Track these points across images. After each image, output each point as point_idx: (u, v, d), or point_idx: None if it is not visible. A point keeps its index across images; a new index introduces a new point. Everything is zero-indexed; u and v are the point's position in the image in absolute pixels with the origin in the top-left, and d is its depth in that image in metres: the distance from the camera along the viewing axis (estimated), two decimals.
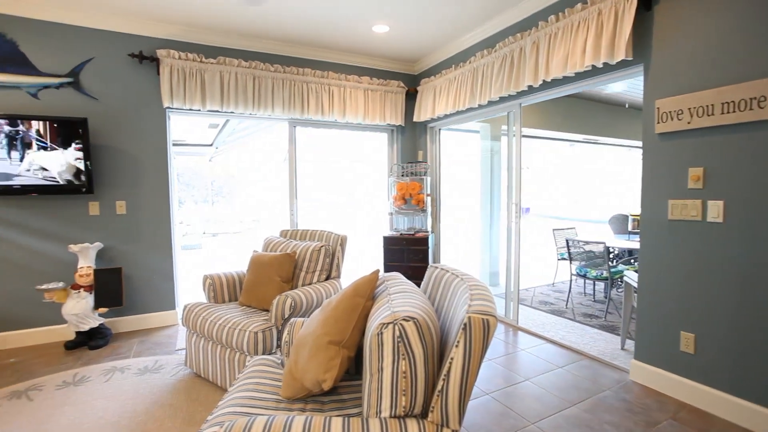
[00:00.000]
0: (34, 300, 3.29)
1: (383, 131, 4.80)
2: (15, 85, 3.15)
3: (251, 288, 2.72)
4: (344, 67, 4.34)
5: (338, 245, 2.95)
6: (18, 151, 3.07)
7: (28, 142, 3.09)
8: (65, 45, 3.29)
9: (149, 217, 3.64)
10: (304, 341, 1.48)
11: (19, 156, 3.08)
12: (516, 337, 3.41)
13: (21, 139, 3.07)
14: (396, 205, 4.47)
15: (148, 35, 3.52)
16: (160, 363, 2.90)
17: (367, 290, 1.45)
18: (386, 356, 1.14)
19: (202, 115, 3.86)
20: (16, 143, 3.06)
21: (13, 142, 3.06)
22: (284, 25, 3.58)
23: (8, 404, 2.38)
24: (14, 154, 3.07)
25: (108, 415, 2.25)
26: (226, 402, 1.51)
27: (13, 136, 3.05)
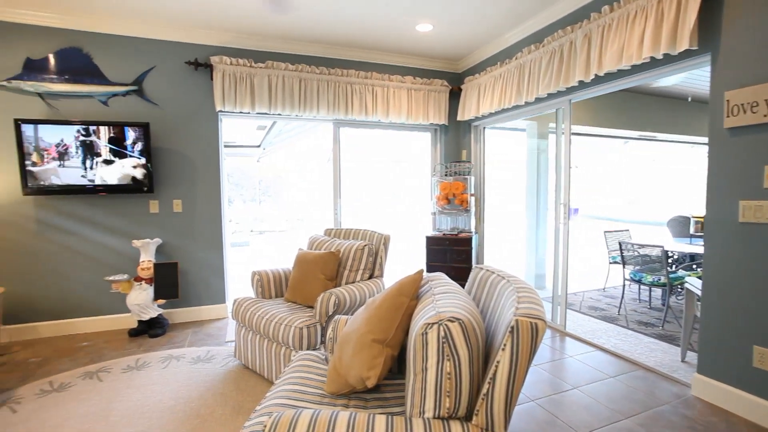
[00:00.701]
0: (103, 290, 3.59)
1: (426, 131, 4.78)
2: (89, 94, 3.44)
3: (296, 285, 2.80)
4: (387, 68, 4.37)
5: (381, 244, 2.98)
6: (90, 154, 3.36)
7: (98, 146, 3.37)
8: (131, 56, 3.55)
9: (202, 215, 3.85)
10: (349, 338, 1.50)
11: (90, 158, 3.36)
12: (563, 343, 3.27)
13: (92, 142, 3.35)
14: (439, 205, 4.44)
15: (203, 43, 3.72)
16: (211, 353, 3.06)
17: (411, 290, 1.45)
18: (431, 356, 1.13)
19: (251, 117, 4.03)
20: (88, 147, 3.35)
21: (86, 146, 3.34)
22: (328, 28, 3.65)
23: (83, 383, 2.61)
24: (87, 156, 3.35)
25: (165, 399, 2.41)
26: (273, 394, 1.57)
27: (85, 141, 3.33)
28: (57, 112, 3.39)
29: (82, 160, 3.33)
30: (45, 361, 2.96)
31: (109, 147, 3.40)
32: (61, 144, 3.28)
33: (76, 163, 3.33)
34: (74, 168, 3.32)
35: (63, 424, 2.17)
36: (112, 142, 3.39)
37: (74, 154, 3.31)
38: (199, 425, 2.14)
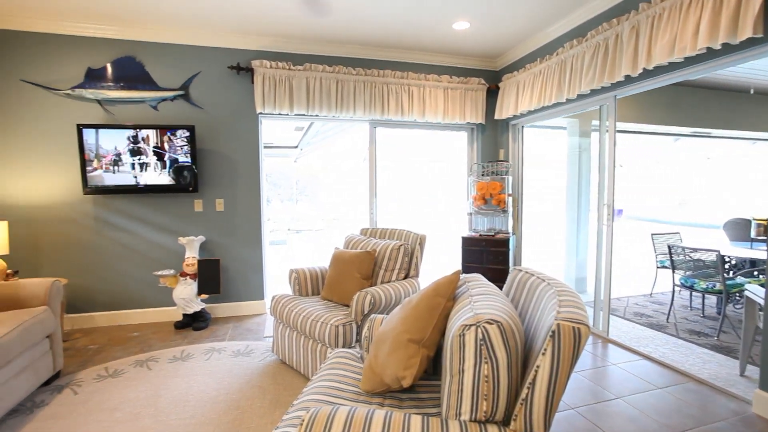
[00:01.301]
0: (152, 284, 3.80)
1: (463, 130, 4.72)
2: (141, 99, 3.66)
3: (333, 283, 2.85)
4: (424, 67, 4.35)
5: (417, 244, 2.97)
6: (140, 156, 3.56)
7: (147, 148, 3.57)
8: (178, 62, 3.74)
9: (243, 214, 3.99)
10: (384, 338, 1.51)
11: (140, 160, 3.57)
12: (606, 350, 3.13)
13: (142, 145, 3.56)
14: (475, 205, 4.37)
15: (244, 48, 3.86)
16: (250, 348, 3.17)
17: (448, 290, 1.44)
18: (468, 358, 1.12)
19: (290, 118, 4.14)
20: (138, 149, 3.55)
21: (137, 149, 3.55)
22: (365, 29, 3.68)
23: (134, 370, 2.78)
24: (137, 157, 3.56)
25: (208, 389, 2.52)
26: (310, 389, 1.61)
27: (136, 143, 3.54)
28: (113, 117, 3.62)
29: (132, 162, 3.54)
30: (101, 349, 3.18)
31: (158, 149, 3.59)
32: (115, 147, 3.50)
33: (128, 164, 3.54)
34: (126, 169, 3.54)
35: (117, 407, 2.32)
36: (160, 144, 3.59)
37: (126, 155, 3.53)
38: (239, 416, 2.23)
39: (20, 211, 3.52)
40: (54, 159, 3.55)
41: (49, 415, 2.25)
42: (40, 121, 3.51)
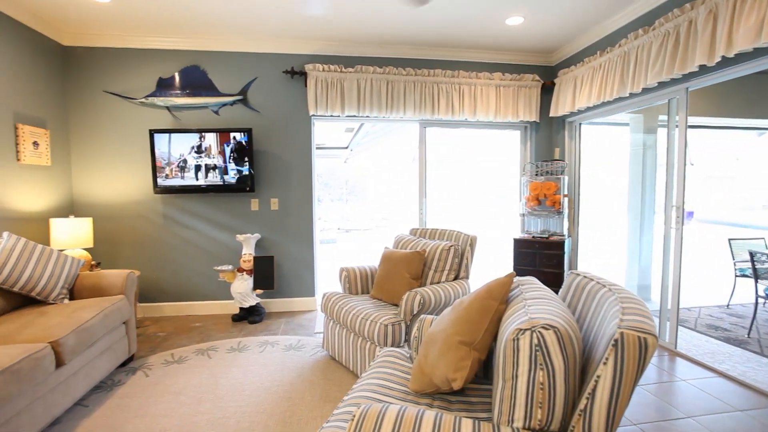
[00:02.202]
0: (212, 278, 4.05)
1: (516, 128, 4.57)
2: (204, 105, 3.91)
3: (382, 282, 2.87)
4: (475, 65, 4.26)
5: (468, 245, 2.92)
6: (204, 157, 3.80)
7: (210, 150, 3.81)
8: (237, 69, 3.96)
9: (295, 213, 4.14)
10: (434, 338, 1.50)
11: (204, 161, 3.81)
12: (673, 364, 2.89)
13: (205, 147, 3.80)
14: (528, 206, 4.21)
15: (298, 53, 4.00)
16: (302, 343, 3.28)
17: (500, 293, 1.40)
18: (522, 364, 1.08)
19: (341, 120, 4.23)
20: (203, 152, 3.80)
21: (201, 151, 3.80)
22: (416, 29, 3.68)
23: (195, 358, 2.98)
24: (201, 159, 3.80)
25: (262, 380, 2.64)
26: (359, 386, 1.63)
27: (200, 146, 3.79)
28: (180, 122, 3.90)
29: (196, 163, 3.79)
30: (168, 336, 3.44)
31: (218, 151, 3.81)
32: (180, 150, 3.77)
33: (192, 166, 3.79)
34: (190, 170, 3.80)
35: (182, 391, 2.49)
36: (221, 147, 3.81)
37: (191, 157, 3.78)
38: (290, 407, 2.31)
39: (102, 209, 3.89)
40: (130, 162, 3.89)
41: (125, 394, 2.47)
42: (118, 127, 3.86)
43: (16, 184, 3.19)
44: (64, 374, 2.14)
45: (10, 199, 3.13)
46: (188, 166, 3.79)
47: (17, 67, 3.23)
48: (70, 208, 3.82)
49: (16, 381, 1.77)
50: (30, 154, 3.30)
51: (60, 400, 2.11)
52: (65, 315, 2.32)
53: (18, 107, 3.23)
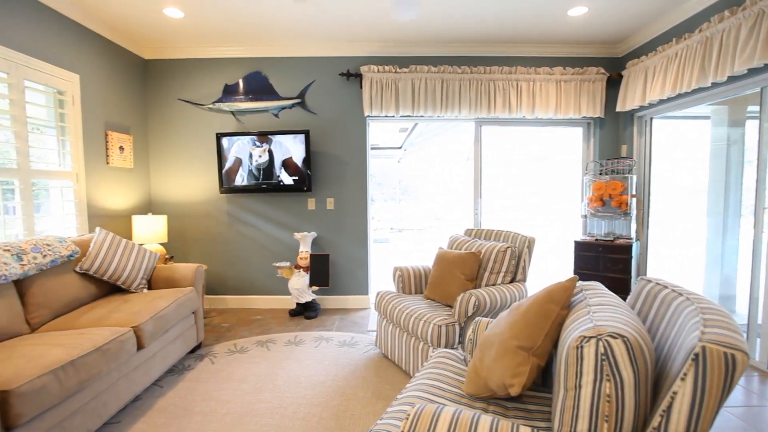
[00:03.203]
0: (271, 274, 4.25)
1: (578, 125, 4.33)
2: (265, 109, 4.11)
3: (436, 283, 2.85)
4: (534, 60, 4.10)
5: (525, 247, 2.82)
6: (265, 158, 4.00)
7: (270, 151, 4.00)
8: (296, 73, 4.12)
9: (350, 213, 4.23)
10: (490, 342, 1.47)
11: (265, 162, 4.01)
12: (763, 386, 2.59)
13: (267, 149, 3.99)
14: (591, 207, 3.98)
15: (353, 55, 4.08)
16: (355, 339, 3.34)
17: (562, 297, 1.34)
18: (586, 373, 1.03)
19: (395, 120, 4.26)
20: (264, 153, 4.00)
21: (263, 152, 4.00)
22: (473, 26, 3.61)
23: (255, 349, 3.15)
24: (263, 161, 4.00)
25: (317, 374, 2.72)
26: (413, 385, 1.63)
27: (262, 147, 3.99)
28: (243, 125, 4.14)
29: (258, 164, 4.00)
30: (231, 327, 3.66)
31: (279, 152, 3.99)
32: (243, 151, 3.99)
33: (255, 166, 4.00)
34: (253, 171, 4.01)
35: (244, 379, 2.65)
36: (281, 148, 3.98)
37: (253, 158, 3.99)
38: (344, 402, 2.36)
39: (175, 207, 4.23)
40: (199, 163, 4.19)
41: (194, 378, 2.66)
42: (189, 132, 4.17)
43: (106, 184, 3.56)
44: (144, 356, 2.36)
45: (100, 197, 3.50)
46: (251, 166, 4.01)
47: (108, 81, 3.60)
48: (148, 206, 4.20)
49: (106, 359, 1.98)
50: (117, 158, 3.67)
51: (140, 380, 2.33)
52: (145, 303, 2.55)
53: (108, 116, 3.60)
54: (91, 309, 2.49)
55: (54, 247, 2.46)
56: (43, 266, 2.36)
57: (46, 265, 2.38)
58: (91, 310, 2.45)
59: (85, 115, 3.33)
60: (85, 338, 1.99)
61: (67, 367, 1.76)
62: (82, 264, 2.67)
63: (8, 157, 2.68)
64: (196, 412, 2.27)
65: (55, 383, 1.68)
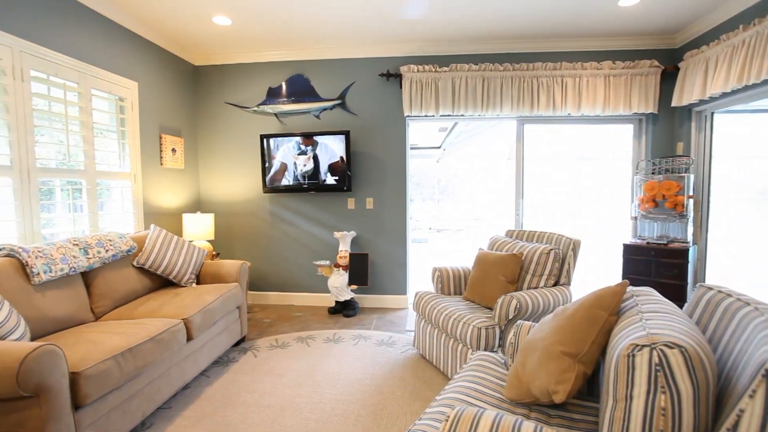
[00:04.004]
0: (311, 272, 4.35)
1: (628, 122, 4.11)
2: (307, 110, 4.22)
3: (476, 284, 2.81)
4: (580, 55, 3.93)
5: (570, 250, 2.71)
6: (306, 159, 4.10)
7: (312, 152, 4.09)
8: (336, 75, 4.19)
9: (389, 212, 4.24)
10: (533, 346, 1.42)
11: (306, 162, 4.10)
12: None
13: (308, 150, 4.09)
14: (642, 209, 3.76)
15: (393, 55, 4.09)
16: (393, 339, 3.35)
17: (611, 303, 1.27)
18: (638, 384, 0.97)
19: (435, 120, 4.22)
20: (305, 153, 4.09)
21: (304, 153, 4.10)
22: (515, 21, 3.51)
23: (296, 344, 3.23)
24: (304, 161, 4.10)
25: (356, 372, 2.75)
26: (451, 387, 1.62)
27: (303, 148, 4.09)
28: (285, 126, 4.26)
29: (299, 164, 4.10)
30: (273, 323, 3.78)
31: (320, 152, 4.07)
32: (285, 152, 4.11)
33: (296, 167, 4.11)
34: (294, 171, 4.12)
35: (284, 373, 2.72)
36: (322, 148, 4.07)
37: (295, 159, 4.10)
38: (382, 401, 2.38)
39: (221, 206, 4.43)
40: (244, 164, 4.36)
41: (238, 370, 2.77)
42: (235, 134, 4.35)
43: (159, 184, 3.79)
44: (193, 347, 2.49)
45: (155, 196, 3.72)
46: (293, 166, 4.12)
47: (162, 87, 3.83)
48: (197, 204, 4.43)
49: (159, 348, 2.11)
50: (169, 159, 3.89)
51: (190, 369, 2.46)
52: (193, 297, 2.69)
53: (162, 120, 3.82)
54: (146, 301, 2.66)
55: (115, 243, 2.65)
56: (105, 260, 2.54)
57: (108, 259, 2.56)
58: (146, 302, 2.62)
59: (142, 120, 3.56)
60: (141, 328, 2.13)
61: (126, 353, 1.89)
62: (138, 258, 2.86)
63: (77, 160, 2.92)
64: (239, 402, 2.37)
65: (115, 368, 1.81)
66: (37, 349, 1.49)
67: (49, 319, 2.12)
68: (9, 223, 2.45)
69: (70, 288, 2.30)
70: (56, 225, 2.81)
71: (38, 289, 2.12)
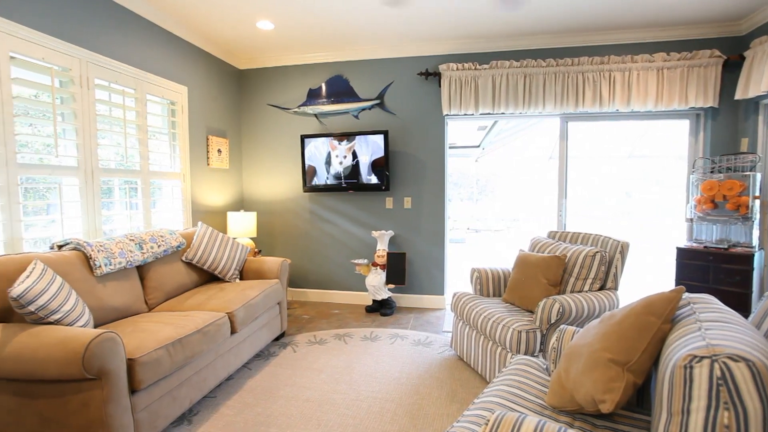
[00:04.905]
0: (349, 270, 4.40)
1: (683, 117, 3.85)
2: (346, 111, 4.27)
3: (516, 286, 2.73)
4: (630, 47, 3.72)
5: (617, 252, 2.58)
6: (345, 158, 4.15)
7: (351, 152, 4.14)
8: (375, 75, 4.21)
9: (427, 212, 4.22)
10: (578, 352, 1.37)
11: (345, 162, 4.16)
12: None
13: (347, 149, 4.14)
14: (700, 210, 3.51)
15: (432, 54, 4.06)
16: (430, 339, 3.33)
17: (664, 310, 1.20)
18: (697, 398, 0.91)
19: (475, 118, 4.15)
20: (344, 153, 4.15)
21: (343, 153, 4.15)
22: (558, 16, 3.38)
23: (334, 341, 3.28)
24: (343, 161, 4.16)
25: (392, 371, 2.76)
26: (491, 391, 1.58)
27: (342, 148, 4.14)
28: (325, 127, 4.34)
29: (338, 164, 4.16)
30: (311, 319, 3.86)
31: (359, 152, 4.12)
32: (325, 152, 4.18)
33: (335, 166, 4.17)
34: (333, 170, 4.19)
35: (322, 369, 2.78)
36: (360, 148, 4.11)
37: (334, 159, 4.17)
38: (419, 401, 2.37)
39: (263, 204, 4.58)
40: (285, 164, 4.49)
41: (278, 364, 2.86)
42: (277, 135, 4.49)
43: (206, 183, 3.97)
44: (236, 340, 2.59)
45: (201, 195, 3.91)
46: (332, 166, 4.19)
47: (209, 90, 4.02)
48: (240, 203, 4.60)
49: (205, 339, 2.21)
50: (215, 160, 4.07)
51: (233, 361, 2.56)
52: (237, 292, 2.80)
53: (209, 122, 4.01)
54: (193, 294, 2.79)
55: (166, 239, 2.81)
56: (157, 255, 2.70)
57: (159, 254, 2.72)
58: (193, 296, 2.76)
59: (191, 122, 3.74)
60: (189, 320, 2.24)
61: (176, 343, 2.00)
62: (187, 254, 3.01)
63: (133, 161, 3.12)
64: (279, 395, 2.44)
65: (167, 357, 1.92)
66: (100, 335, 1.61)
67: (109, 309, 2.28)
68: (76, 220, 2.66)
69: (127, 280, 2.47)
70: (114, 221, 3.01)
71: (99, 280, 2.28)
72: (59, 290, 1.83)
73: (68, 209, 2.63)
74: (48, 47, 2.44)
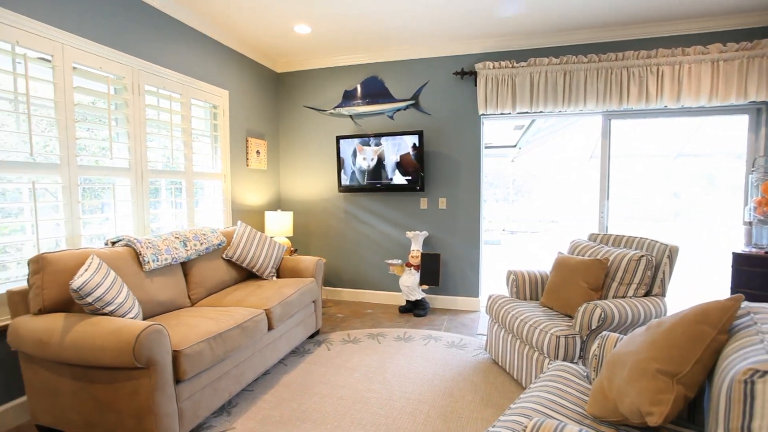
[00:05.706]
0: (383, 270, 4.42)
1: (742, 112, 3.58)
2: (381, 111, 4.29)
3: (554, 290, 2.65)
4: (680, 39, 3.51)
5: (665, 257, 2.44)
6: (381, 159, 4.17)
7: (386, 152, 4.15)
8: (410, 75, 4.20)
9: (463, 213, 4.17)
10: (622, 361, 1.30)
11: (380, 162, 4.18)
12: None
13: (382, 150, 4.16)
14: (760, 212, 3.26)
15: (468, 53, 4.00)
16: (464, 342, 3.29)
17: (720, 319, 1.12)
18: (759, 416, 0.84)
19: (511, 117, 4.06)
20: (379, 154, 4.17)
21: (378, 153, 4.17)
22: (601, 9, 3.24)
23: (367, 341, 3.31)
24: (378, 161, 4.18)
25: (426, 372, 2.74)
26: (527, 396, 1.54)
27: (378, 148, 4.17)
28: (360, 128, 4.38)
29: (373, 164, 4.19)
30: (345, 318, 3.91)
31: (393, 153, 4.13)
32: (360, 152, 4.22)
33: (370, 166, 4.20)
34: (368, 170, 4.22)
35: (356, 368, 2.80)
36: (395, 149, 4.11)
37: (369, 159, 4.19)
38: (452, 404, 2.34)
39: (299, 204, 4.69)
40: (321, 164, 4.57)
41: (312, 361, 2.91)
42: (313, 136, 4.58)
43: (245, 184, 4.11)
44: (273, 336, 2.66)
45: (241, 195, 4.05)
46: (367, 166, 4.22)
47: (249, 94, 4.16)
48: (278, 203, 4.73)
49: (244, 335, 2.29)
50: (254, 161, 4.21)
51: (270, 356, 2.63)
52: (274, 289, 2.88)
53: (248, 124, 4.15)
54: (233, 291, 2.90)
55: (208, 237, 2.93)
56: (200, 252, 2.82)
57: (202, 251, 2.84)
58: (233, 292, 2.86)
59: (232, 125, 3.89)
60: (229, 315, 2.33)
61: (217, 337, 2.09)
62: (227, 252, 3.13)
63: (178, 162, 3.28)
64: (314, 392, 2.49)
65: (208, 350, 2.00)
66: (149, 327, 1.71)
67: (156, 302, 2.40)
68: (127, 218, 2.83)
69: (172, 276, 2.59)
70: (161, 220, 3.18)
71: (147, 275, 2.41)
72: (113, 283, 1.95)
73: (120, 208, 2.80)
74: (104, 57, 2.62)
